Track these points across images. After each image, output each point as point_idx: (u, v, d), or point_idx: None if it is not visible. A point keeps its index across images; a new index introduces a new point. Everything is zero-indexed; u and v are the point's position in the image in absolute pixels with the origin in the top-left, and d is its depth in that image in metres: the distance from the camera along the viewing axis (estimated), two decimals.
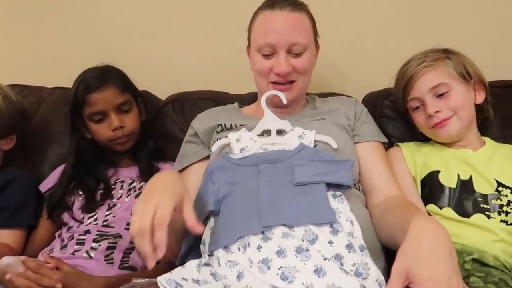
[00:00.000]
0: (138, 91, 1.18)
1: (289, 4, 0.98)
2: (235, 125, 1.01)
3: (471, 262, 0.86)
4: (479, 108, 1.07)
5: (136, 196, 1.08)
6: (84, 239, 1.00)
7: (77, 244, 0.99)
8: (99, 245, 0.99)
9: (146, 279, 0.71)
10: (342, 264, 0.69)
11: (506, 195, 0.95)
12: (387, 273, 0.71)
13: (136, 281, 0.71)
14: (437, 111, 0.99)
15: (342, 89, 1.37)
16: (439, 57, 1.03)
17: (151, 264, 0.65)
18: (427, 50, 1.07)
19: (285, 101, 0.95)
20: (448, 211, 0.95)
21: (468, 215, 0.94)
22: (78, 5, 1.49)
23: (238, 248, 0.72)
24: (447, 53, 1.04)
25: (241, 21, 1.08)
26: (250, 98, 1.26)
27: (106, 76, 1.10)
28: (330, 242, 0.71)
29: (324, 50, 1.13)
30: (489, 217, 0.93)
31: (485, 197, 0.95)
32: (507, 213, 0.93)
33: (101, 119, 1.09)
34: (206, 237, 0.79)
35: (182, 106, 1.28)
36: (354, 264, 0.70)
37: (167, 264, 0.86)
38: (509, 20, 1.37)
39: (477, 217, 0.93)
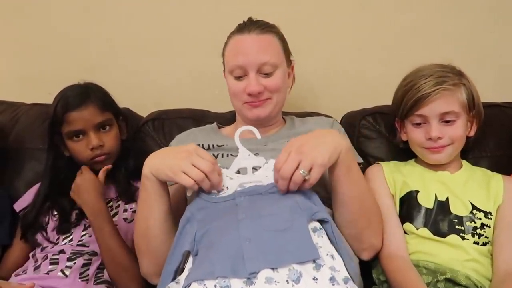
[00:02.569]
0: (119, 110, 1.17)
1: (257, 27, 1.03)
2: (213, 146, 1.03)
3: (444, 282, 0.89)
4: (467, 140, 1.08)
5: (113, 216, 1.06)
6: (57, 259, 0.98)
7: (51, 264, 0.97)
8: (74, 263, 0.98)
9: None
10: None
11: (480, 218, 0.97)
12: None
13: None
14: (439, 137, 1.00)
15: (319, 108, 1.39)
16: (457, 82, 1.01)
17: None
18: (445, 66, 1.04)
19: (259, 136, 0.93)
20: (424, 231, 0.97)
21: (443, 236, 0.96)
22: (58, 21, 1.49)
23: (215, 286, 0.70)
24: (462, 78, 1.03)
25: (221, 39, 1.10)
26: (231, 117, 1.27)
27: (86, 94, 1.08)
28: (315, 279, 0.70)
29: (301, 69, 1.15)
30: (463, 238, 0.95)
31: (460, 218, 0.97)
32: (479, 235, 0.96)
33: (80, 137, 1.07)
34: (182, 278, 0.77)
35: (162, 124, 1.28)
36: None
37: None
38: (482, 43, 1.44)
39: (452, 238, 0.95)
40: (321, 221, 0.81)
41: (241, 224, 0.77)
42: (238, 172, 0.93)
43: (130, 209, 1.09)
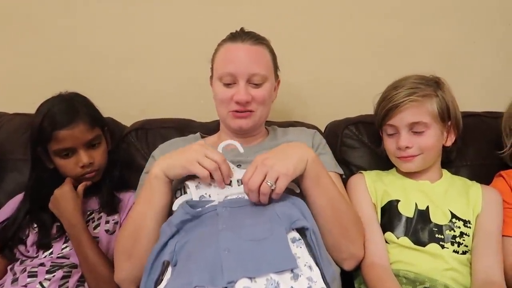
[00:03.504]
0: (105, 122, 1.16)
1: (250, 38, 1.04)
2: None
3: None
4: (446, 149, 1.11)
5: (95, 228, 1.05)
6: (36, 271, 0.97)
7: (29, 276, 0.96)
8: (53, 275, 0.96)
9: None
10: None
11: (459, 227, 0.98)
12: None
13: None
14: (407, 147, 1.02)
15: (305, 117, 1.40)
16: (429, 93, 1.03)
17: None
18: (420, 77, 1.07)
19: (241, 150, 0.96)
20: (405, 240, 0.98)
21: (423, 244, 0.97)
22: (41, 29, 1.48)
23: None
24: (437, 89, 1.05)
25: (206, 49, 1.11)
26: (215, 126, 1.27)
27: (75, 110, 1.04)
28: None
29: (288, 79, 1.16)
30: (443, 247, 0.96)
31: (440, 227, 0.98)
32: (459, 243, 0.97)
33: (68, 154, 1.05)
34: None
35: (145, 134, 1.28)
36: None
37: None
38: (464, 53, 1.47)
39: (432, 246, 0.96)
40: (301, 230, 0.82)
41: (220, 234, 0.78)
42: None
43: (112, 220, 1.08)
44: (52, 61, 1.49)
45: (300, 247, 0.79)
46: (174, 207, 0.90)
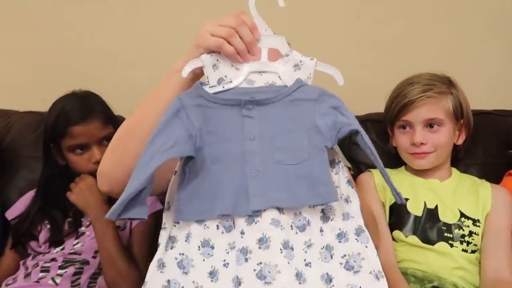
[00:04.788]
0: (118, 121, 1.14)
1: None
2: None
3: None
4: (455, 148, 1.10)
5: None
6: (49, 267, 0.98)
7: (41, 271, 0.97)
8: (65, 271, 0.97)
9: None
10: (331, 256, 0.63)
11: (468, 226, 0.98)
12: None
13: None
14: (422, 143, 1.02)
15: None
16: (444, 90, 1.03)
17: None
18: (433, 74, 1.07)
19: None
20: (413, 239, 0.98)
21: (432, 243, 0.97)
22: (52, 27, 1.49)
23: (217, 226, 0.63)
24: (451, 87, 1.05)
25: None
26: None
27: (90, 107, 1.06)
28: (321, 230, 0.63)
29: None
30: (451, 245, 0.96)
31: (448, 226, 0.98)
32: (468, 242, 0.97)
33: (82, 150, 1.06)
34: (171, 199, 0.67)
35: None
36: (345, 255, 0.63)
37: None
38: (473, 52, 1.46)
39: (441, 245, 0.96)
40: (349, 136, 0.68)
41: (247, 153, 0.64)
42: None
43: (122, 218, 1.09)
44: (62, 60, 1.49)
45: (338, 174, 0.68)
46: (184, 74, 0.70)
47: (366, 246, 0.65)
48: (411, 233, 0.99)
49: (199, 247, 0.63)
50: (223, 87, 0.68)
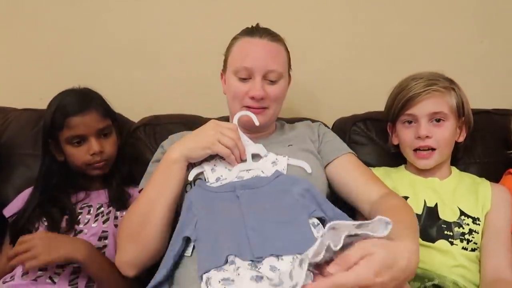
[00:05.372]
0: (116, 116, 1.17)
1: (268, 34, 1.03)
2: None
3: (432, 287, 0.89)
4: (456, 146, 1.11)
5: (104, 222, 1.05)
6: (46, 265, 0.97)
7: (39, 270, 0.96)
8: (63, 270, 0.96)
9: None
10: None
11: (468, 224, 0.98)
12: None
13: None
14: (427, 136, 1.02)
15: (313, 115, 1.39)
16: (448, 85, 1.04)
17: None
18: (435, 73, 1.08)
19: (257, 123, 0.97)
20: None
21: (432, 241, 0.97)
22: (49, 25, 1.48)
23: (229, 264, 0.73)
24: (453, 84, 1.07)
25: (213, 46, 1.11)
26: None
27: (88, 99, 1.07)
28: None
29: (296, 77, 1.16)
30: (451, 243, 0.96)
31: (448, 224, 0.98)
32: (468, 241, 0.97)
33: (80, 142, 1.06)
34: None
35: (153, 130, 1.28)
36: None
37: None
38: (471, 52, 1.46)
39: (441, 243, 0.96)
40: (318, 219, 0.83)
41: (245, 214, 0.79)
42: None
43: (121, 216, 1.08)
44: (60, 59, 1.49)
45: (319, 233, 0.79)
46: (190, 177, 0.91)
47: None
48: None
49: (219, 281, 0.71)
50: (221, 183, 0.89)
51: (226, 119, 1.22)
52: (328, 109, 1.47)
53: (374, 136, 1.25)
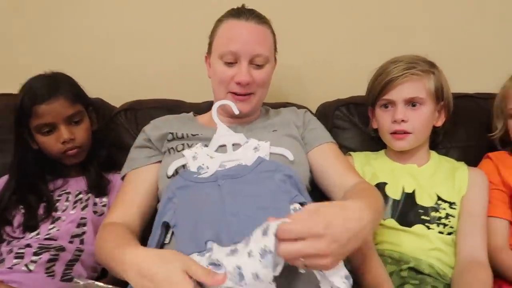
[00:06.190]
0: (89, 100, 1.15)
1: (255, 17, 1.01)
2: (187, 135, 1.01)
3: (408, 270, 0.91)
4: (435, 130, 1.11)
5: (83, 209, 1.05)
6: (23, 253, 0.96)
7: (15, 258, 0.95)
8: (40, 258, 0.95)
9: (91, 281, 0.70)
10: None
11: (444, 208, 0.99)
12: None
13: (79, 281, 0.70)
14: (403, 120, 1.02)
15: (298, 99, 1.39)
16: (427, 69, 1.04)
17: None
18: (416, 56, 1.07)
19: (236, 112, 0.97)
20: (391, 222, 0.99)
21: (410, 225, 0.98)
22: (29, 10, 1.44)
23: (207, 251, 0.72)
24: (433, 68, 1.06)
25: (197, 30, 1.09)
26: (207, 107, 1.25)
27: (55, 85, 1.04)
28: None
29: (281, 61, 1.15)
30: (428, 228, 0.98)
31: (426, 209, 0.99)
32: (444, 225, 0.98)
33: (50, 131, 1.04)
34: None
35: (135, 115, 1.26)
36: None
37: None
38: (456, 36, 1.45)
39: (418, 227, 0.98)
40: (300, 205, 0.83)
41: (226, 201, 0.79)
42: (217, 149, 0.94)
43: (101, 203, 1.08)
44: (41, 43, 1.45)
45: None
46: (170, 172, 0.90)
47: None
48: (389, 216, 1.00)
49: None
50: (203, 172, 0.88)
51: (210, 103, 1.20)
52: (313, 93, 1.46)
53: (357, 121, 1.24)
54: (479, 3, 1.44)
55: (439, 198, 1.00)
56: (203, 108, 1.27)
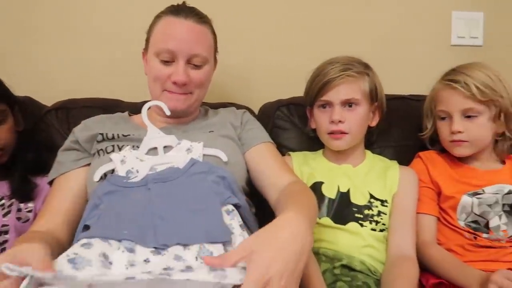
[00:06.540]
0: (14, 99, 1.08)
1: (195, 15, 0.98)
2: (118, 135, 0.97)
3: (340, 268, 0.93)
4: (370, 130, 1.14)
5: (4, 215, 0.98)
6: None
7: None
8: None
9: None
10: None
11: (377, 206, 1.03)
12: None
13: None
14: (340, 121, 1.04)
15: (240, 99, 1.38)
16: (362, 71, 1.06)
17: None
18: (351, 57, 1.09)
19: (168, 113, 0.94)
20: (326, 220, 1.01)
21: (344, 223, 1.00)
22: None
23: (119, 247, 0.68)
24: (367, 69, 1.09)
25: (138, 23, 1.05)
26: None
27: None
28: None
29: (224, 60, 1.14)
30: (362, 225, 1.00)
31: (359, 207, 1.02)
32: (376, 222, 1.02)
33: None
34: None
35: (67, 114, 1.20)
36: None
37: None
38: (391, 39, 1.51)
39: (351, 225, 1.00)
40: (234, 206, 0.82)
41: (154, 204, 0.76)
42: (148, 152, 0.91)
43: (26, 209, 1.02)
44: None
45: (234, 219, 0.78)
46: (96, 178, 0.86)
47: None
48: (325, 215, 1.02)
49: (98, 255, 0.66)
50: (132, 179, 0.84)
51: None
52: (255, 94, 1.46)
53: (297, 121, 1.26)
54: (412, 8, 1.51)
55: (372, 196, 1.03)
56: (141, 107, 1.22)
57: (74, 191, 0.92)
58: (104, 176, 0.88)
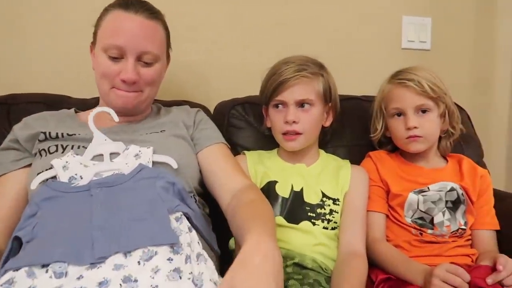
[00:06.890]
0: None
1: (146, 10, 0.94)
2: (62, 134, 0.92)
3: (292, 266, 0.94)
4: (324, 130, 1.16)
5: None
6: None
7: None
8: None
9: None
10: (180, 277, 0.66)
11: (329, 205, 1.05)
12: None
13: None
14: (294, 122, 1.04)
15: (195, 97, 1.36)
16: (316, 71, 1.07)
17: None
18: (306, 57, 1.09)
19: (116, 119, 0.90)
20: (279, 220, 1.01)
21: (297, 222, 1.01)
22: None
23: (46, 271, 0.63)
24: (322, 70, 1.09)
25: (86, 14, 0.99)
26: (95, 103, 1.16)
27: None
28: (170, 259, 0.67)
29: (179, 57, 1.11)
30: (314, 224, 1.02)
31: (312, 206, 1.03)
32: (328, 220, 1.03)
33: None
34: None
35: (7, 110, 1.12)
36: (191, 273, 0.67)
37: None
38: (347, 40, 1.54)
39: (304, 224, 1.01)
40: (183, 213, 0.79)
41: (95, 214, 0.72)
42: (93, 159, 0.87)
43: None
44: None
45: (182, 223, 0.76)
46: (33, 186, 0.81)
47: (203, 267, 0.70)
48: (278, 214, 1.02)
49: None
50: (74, 185, 0.80)
51: (98, 100, 1.12)
52: (211, 92, 1.45)
53: (252, 120, 1.26)
54: (366, 11, 1.55)
55: (324, 195, 1.05)
56: (91, 104, 1.18)
57: (12, 194, 0.86)
58: (46, 181, 0.83)
